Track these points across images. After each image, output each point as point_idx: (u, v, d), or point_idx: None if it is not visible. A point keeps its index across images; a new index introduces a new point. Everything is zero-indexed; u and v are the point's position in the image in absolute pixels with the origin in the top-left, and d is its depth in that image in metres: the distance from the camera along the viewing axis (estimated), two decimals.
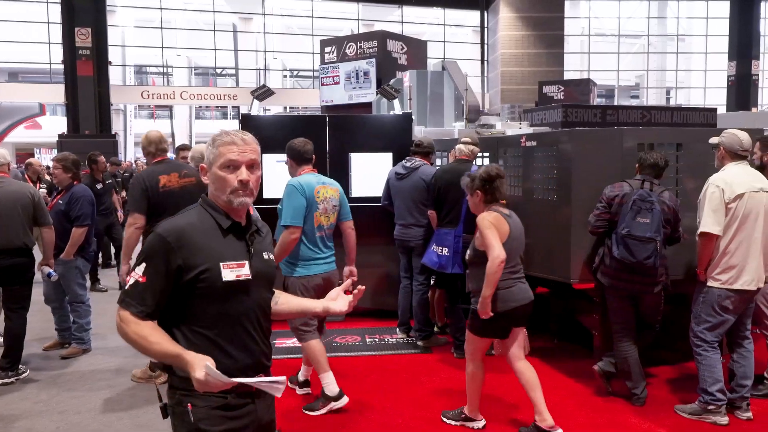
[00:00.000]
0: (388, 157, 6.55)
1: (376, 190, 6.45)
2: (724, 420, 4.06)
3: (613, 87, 33.82)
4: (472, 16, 31.04)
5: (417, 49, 16.64)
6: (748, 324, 4.26)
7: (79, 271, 5.76)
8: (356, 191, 6.63)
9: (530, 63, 27.97)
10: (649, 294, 4.30)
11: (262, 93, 6.62)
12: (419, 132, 8.06)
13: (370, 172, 6.57)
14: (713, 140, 4.29)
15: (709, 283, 4.12)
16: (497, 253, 3.67)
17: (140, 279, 1.98)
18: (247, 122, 6.45)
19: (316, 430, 4.15)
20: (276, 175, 6.45)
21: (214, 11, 29.43)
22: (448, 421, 4.20)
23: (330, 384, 4.34)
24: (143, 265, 2.00)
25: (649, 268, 4.12)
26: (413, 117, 6.98)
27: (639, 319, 4.47)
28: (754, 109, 27.24)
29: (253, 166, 2.11)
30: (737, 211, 4.01)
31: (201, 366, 1.84)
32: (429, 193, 5.56)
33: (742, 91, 30.08)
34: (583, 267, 4.67)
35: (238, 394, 2.05)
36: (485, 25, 29.95)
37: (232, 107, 33.50)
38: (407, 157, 5.89)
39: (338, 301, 2.35)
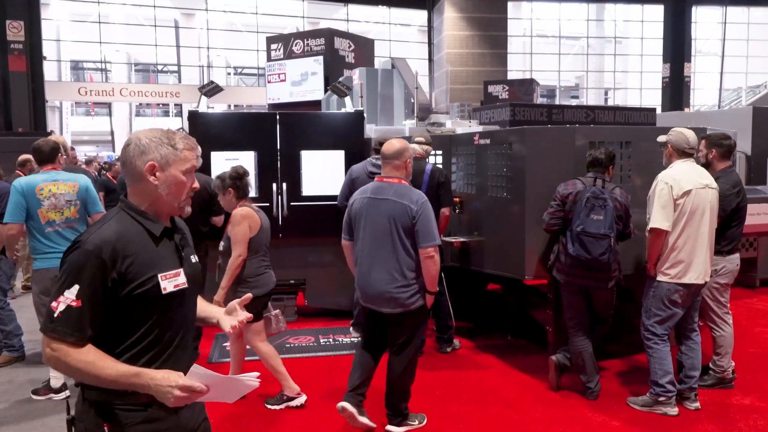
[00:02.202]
0: (339, 155, 6.48)
1: (328, 188, 6.38)
2: (674, 411, 4.17)
3: (555, 87, 34.56)
4: (418, 16, 31.21)
5: (364, 47, 16.62)
6: (695, 317, 4.39)
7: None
8: (307, 190, 6.53)
9: (475, 63, 28.31)
10: (603, 289, 4.37)
11: (211, 89, 6.45)
12: (370, 130, 8.01)
13: (322, 171, 6.49)
14: (661, 138, 4.39)
15: (658, 278, 4.22)
16: (240, 251, 4.16)
17: (73, 303, 1.76)
18: (195, 120, 6.27)
19: None
20: None
21: (154, 6, 28.66)
22: (272, 407, 4.34)
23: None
24: (75, 287, 1.77)
25: (604, 264, 4.20)
26: (364, 115, 6.93)
27: (592, 314, 4.55)
28: (687, 109, 28.28)
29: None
30: (685, 207, 4.12)
31: (174, 381, 1.74)
32: None
33: (675, 92, 31.23)
34: (538, 263, 4.72)
35: (159, 405, 1.84)
36: (432, 24, 30.17)
37: (175, 105, 32.75)
38: (374, 156, 5.82)
39: (230, 318, 2.13)
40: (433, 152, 5.82)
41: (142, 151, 1.92)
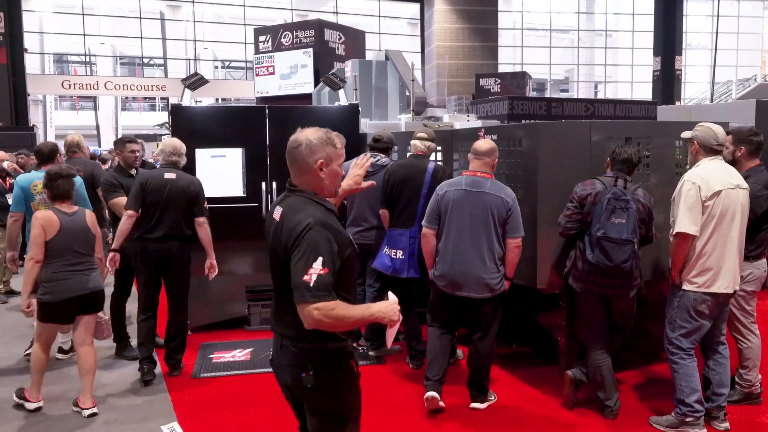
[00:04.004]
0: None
1: None
2: None
3: (545, 81, 34.27)
4: (408, 8, 30.81)
5: (355, 39, 16.20)
6: (723, 329, 4.04)
7: None
8: None
9: (465, 56, 28.00)
10: (623, 298, 4.01)
11: (195, 81, 6.03)
12: (363, 125, 7.62)
13: None
14: (686, 134, 4.03)
15: (684, 287, 3.86)
16: (32, 254, 4.17)
17: (322, 272, 2.21)
18: (178, 114, 5.83)
19: None
20: (212, 173, 5.93)
21: None
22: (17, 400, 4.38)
23: None
24: (320, 259, 2.22)
25: (626, 272, 3.84)
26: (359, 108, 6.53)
27: (609, 324, 4.19)
28: (678, 103, 28.11)
29: None
30: (714, 209, 3.76)
31: (393, 303, 2.39)
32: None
33: (666, 86, 30.99)
34: (551, 270, 4.36)
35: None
36: (423, 16, 29.79)
37: (161, 98, 32.13)
38: (369, 153, 5.43)
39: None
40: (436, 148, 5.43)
41: (312, 150, 2.37)
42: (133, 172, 5.37)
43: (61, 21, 28.47)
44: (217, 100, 27.29)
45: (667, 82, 31.14)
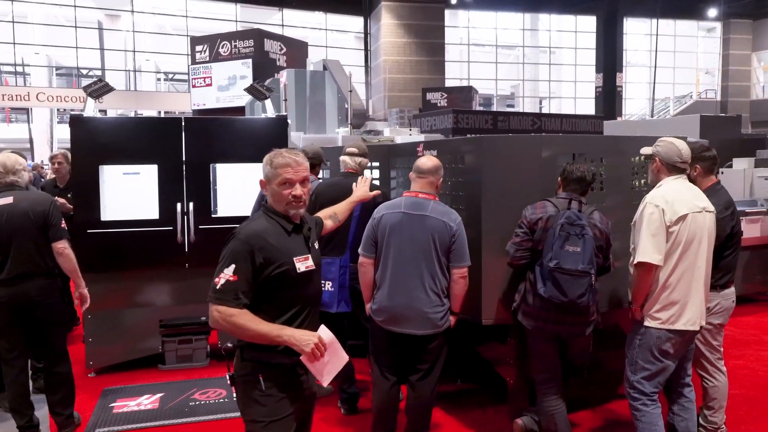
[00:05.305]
0: (259, 168, 5.46)
1: (246, 208, 5.36)
2: None
3: (491, 96, 34.49)
4: (354, 22, 30.53)
5: (297, 50, 15.66)
6: (688, 369, 3.60)
7: None
8: (222, 210, 5.53)
9: (412, 70, 27.93)
10: (580, 337, 3.54)
11: (98, 89, 5.35)
12: (297, 139, 7.06)
13: (238, 187, 5.47)
14: (646, 150, 3.59)
15: (646, 323, 3.40)
16: None
17: (231, 278, 2.34)
18: (78, 126, 5.11)
19: None
20: (122, 193, 5.26)
21: (75, 6, 26.96)
22: None
23: None
24: (232, 266, 2.35)
25: (583, 308, 3.36)
26: (289, 121, 5.95)
27: (564, 365, 3.71)
28: (619, 118, 28.59)
29: (305, 180, 2.54)
30: (680, 236, 3.32)
31: (314, 335, 2.38)
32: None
33: (608, 102, 31.58)
34: (498, 303, 3.85)
35: (297, 366, 2.42)
36: (369, 31, 29.54)
37: (99, 111, 30.81)
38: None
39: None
40: (369, 165, 4.90)
41: (262, 169, 2.55)
42: None
43: None
44: (159, 113, 26.36)
45: (609, 98, 31.76)
